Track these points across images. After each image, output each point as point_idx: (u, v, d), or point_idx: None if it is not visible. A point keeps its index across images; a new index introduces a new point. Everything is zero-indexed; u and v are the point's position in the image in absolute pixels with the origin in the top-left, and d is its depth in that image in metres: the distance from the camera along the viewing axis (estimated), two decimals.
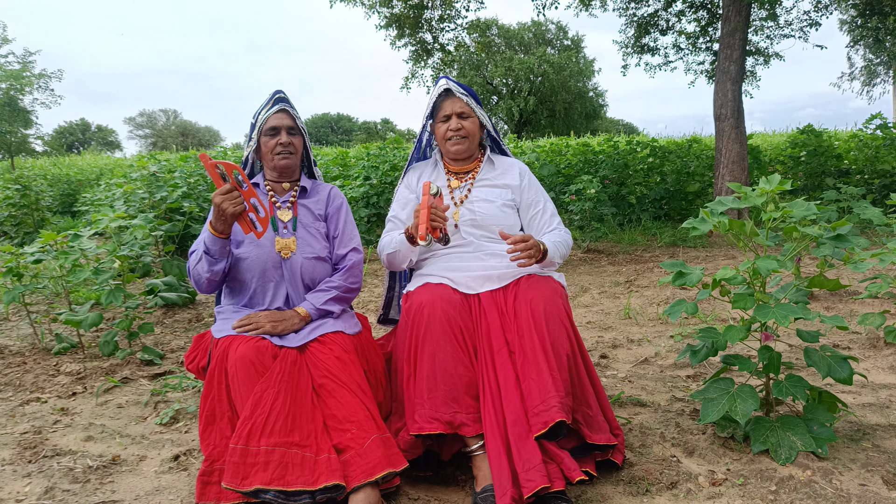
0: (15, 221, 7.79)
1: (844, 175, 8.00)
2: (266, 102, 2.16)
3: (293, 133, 2.15)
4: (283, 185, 2.19)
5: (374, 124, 55.01)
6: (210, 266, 1.97)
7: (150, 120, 55.38)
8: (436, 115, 2.22)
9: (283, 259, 2.06)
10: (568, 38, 34.42)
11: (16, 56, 17.02)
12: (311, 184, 2.26)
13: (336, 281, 2.11)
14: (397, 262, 2.17)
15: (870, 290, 3.00)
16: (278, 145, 2.11)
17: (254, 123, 2.16)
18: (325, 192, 2.25)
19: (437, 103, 2.21)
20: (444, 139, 2.20)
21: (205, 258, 1.96)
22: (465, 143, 2.19)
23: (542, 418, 1.71)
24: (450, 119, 2.18)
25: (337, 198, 2.25)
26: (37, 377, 2.88)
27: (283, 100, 2.16)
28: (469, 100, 2.19)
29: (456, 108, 2.17)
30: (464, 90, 2.20)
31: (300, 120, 2.18)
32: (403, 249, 2.10)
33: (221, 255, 1.97)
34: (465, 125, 2.17)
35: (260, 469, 1.63)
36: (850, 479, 1.77)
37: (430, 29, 9.03)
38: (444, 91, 2.20)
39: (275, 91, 2.19)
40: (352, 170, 7.51)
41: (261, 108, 2.17)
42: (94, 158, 20.12)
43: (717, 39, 8.85)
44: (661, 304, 4.04)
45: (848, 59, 24.85)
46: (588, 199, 5.88)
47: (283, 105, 2.14)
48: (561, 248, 2.10)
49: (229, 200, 1.84)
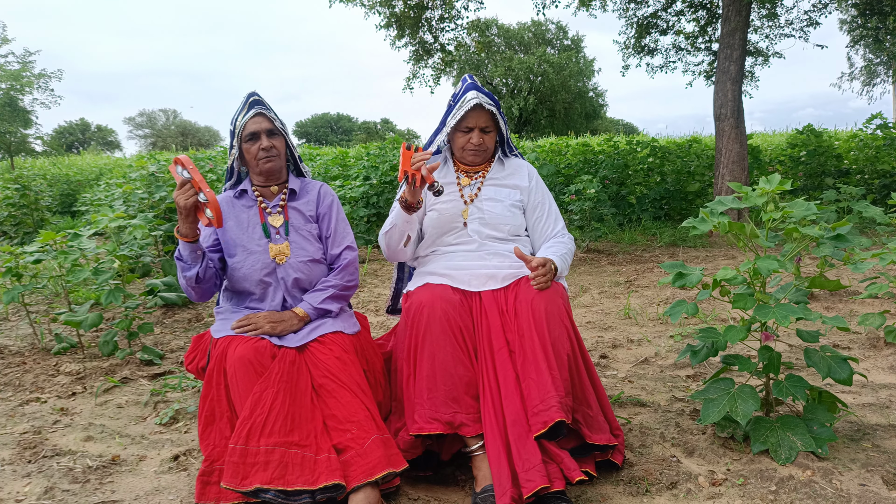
0: (14, 221, 7.79)
1: (844, 175, 8.00)
2: (241, 108, 2.10)
3: (273, 135, 2.09)
4: (271, 189, 2.15)
5: (373, 124, 55.01)
6: (183, 272, 1.97)
7: (149, 120, 55.36)
8: (459, 123, 2.16)
9: (278, 265, 2.05)
10: (568, 38, 34.43)
11: (16, 56, 17.01)
12: (300, 183, 2.21)
13: (332, 280, 2.10)
14: (395, 241, 2.14)
15: (870, 290, 3.00)
16: (260, 150, 2.06)
17: (233, 130, 2.11)
18: (314, 190, 2.21)
19: (464, 114, 2.14)
20: (461, 148, 2.19)
21: (178, 265, 1.97)
22: (481, 156, 2.20)
23: (541, 418, 1.71)
24: (471, 132, 2.15)
25: (327, 196, 2.21)
26: (36, 377, 2.88)
27: (258, 102, 2.09)
28: (495, 111, 2.14)
29: (481, 123, 2.14)
30: (491, 101, 2.14)
31: (278, 121, 2.12)
32: (400, 223, 2.09)
33: (193, 259, 1.95)
34: (486, 140, 2.17)
35: (260, 469, 1.64)
36: (850, 479, 1.76)
37: (431, 29, 9.03)
38: (474, 107, 2.12)
39: (249, 94, 2.12)
40: (351, 170, 7.51)
41: (237, 113, 2.10)
42: (93, 158, 20.12)
43: (716, 39, 8.85)
44: (661, 304, 4.03)
45: (848, 59, 24.85)
46: (588, 199, 5.88)
47: (258, 109, 2.07)
48: (568, 259, 2.13)
49: (181, 194, 1.84)
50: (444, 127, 2.18)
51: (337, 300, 2.09)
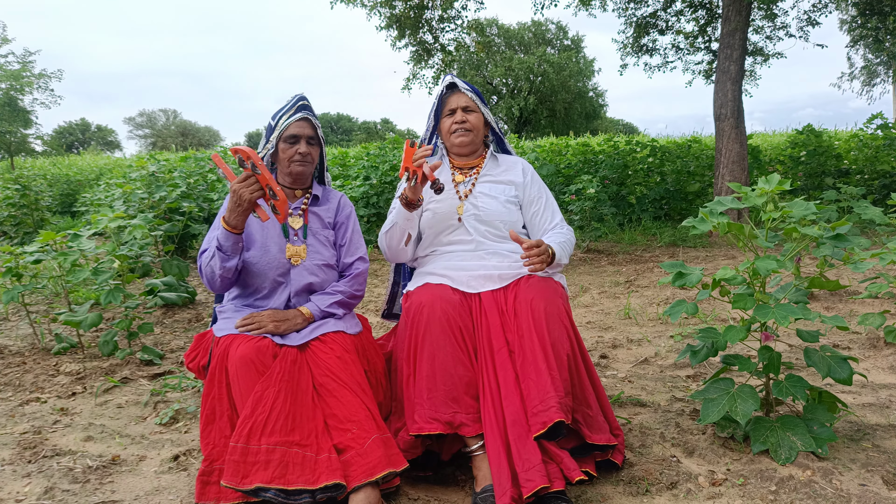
0: (15, 221, 7.79)
1: (844, 175, 8.00)
2: (289, 108, 2.11)
3: (312, 143, 2.13)
4: (295, 192, 2.18)
5: (373, 124, 55.00)
6: (223, 262, 1.95)
7: (149, 120, 55.38)
8: (441, 111, 2.26)
9: (293, 266, 2.07)
10: (568, 38, 34.47)
11: (16, 56, 17.03)
12: (322, 191, 2.26)
13: (342, 286, 2.12)
14: (396, 240, 2.16)
15: (870, 290, 3.00)
16: (297, 154, 2.09)
17: (272, 126, 2.12)
18: (335, 200, 2.26)
19: (443, 98, 2.25)
20: (448, 132, 2.24)
21: (217, 255, 1.95)
22: (469, 135, 2.21)
23: (541, 418, 1.71)
24: (455, 113, 2.22)
25: (346, 207, 2.27)
26: (36, 377, 2.88)
27: (306, 107, 2.13)
28: (473, 96, 2.23)
29: (461, 103, 2.22)
30: (468, 87, 2.24)
31: (320, 130, 2.17)
32: (400, 221, 2.11)
33: (234, 251, 1.96)
34: (470, 119, 2.21)
35: (260, 468, 1.64)
36: (850, 479, 1.76)
37: (431, 29, 9.03)
38: (449, 86, 2.24)
39: (298, 96, 2.15)
40: (351, 170, 7.51)
41: (282, 111, 2.12)
42: (93, 158, 20.13)
43: (716, 39, 8.85)
44: (661, 304, 4.04)
45: (848, 59, 24.86)
46: (588, 198, 5.88)
47: (305, 113, 2.11)
48: (567, 248, 2.12)
49: (246, 187, 1.84)
50: (432, 120, 2.28)
51: (343, 307, 2.10)
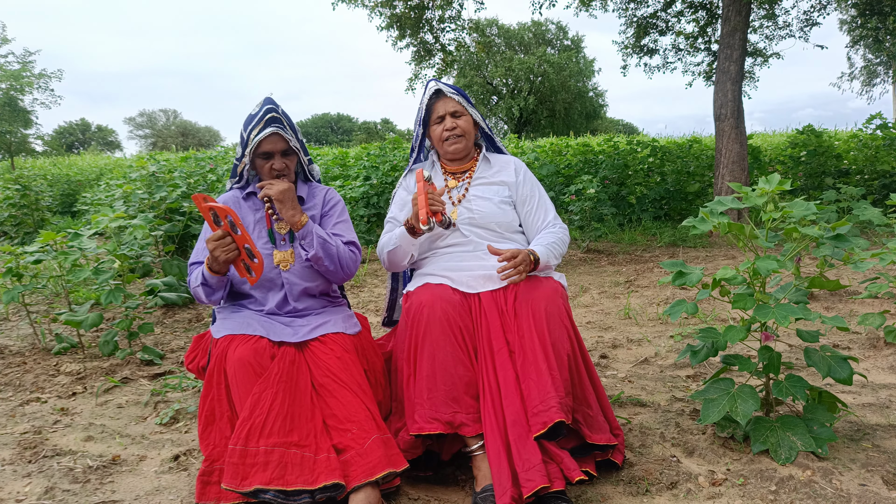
0: (15, 221, 7.80)
1: (844, 175, 8.00)
2: (257, 121, 1.99)
3: (288, 155, 2.06)
4: None
5: (373, 124, 54.98)
6: (208, 296, 1.99)
7: (150, 120, 55.38)
8: (430, 119, 2.21)
9: (282, 271, 2.05)
10: (568, 39, 34.46)
11: (16, 56, 17.02)
12: (308, 189, 2.20)
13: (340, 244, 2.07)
14: (398, 259, 2.14)
15: (870, 290, 3.00)
16: (272, 170, 2.05)
17: (244, 140, 2.02)
18: (321, 195, 2.20)
19: (430, 105, 2.20)
20: (440, 140, 2.20)
21: (202, 288, 1.97)
22: (461, 141, 2.18)
23: (541, 418, 1.71)
24: (444, 119, 2.17)
25: (333, 198, 2.21)
26: (37, 377, 2.88)
27: (275, 119, 1.99)
28: (460, 98, 2.18)
29: (449, 108, 2.17)
30: (454, 90, 2.19)
31: (294, 139, 2.05)
32: (404, 244, 2.09)
33: (219, 286, 1.98)
34: (460, 123, 2.17)
35: (259, 469, 1.64)
36: (850, 479, 1.77)
37: (431, 29, 9.04)
38: (435, 92, 2.18)
39: (266, 106, 2.01)
40: (351, 170, 7.51)
41: (251, 124, 2.00)
42: (93, 158, 20.12)
43: (716, 40, 8.85)
44: (661, 304, 4.04)
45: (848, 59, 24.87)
46: (588, 199, 5.88)
47: (275, 128, 1.98)
48: (556, 248, 2.09)
49: (221, 248, 1.83)
50: (420, 128, 2.24)
51: (328, 257, 2.00)
